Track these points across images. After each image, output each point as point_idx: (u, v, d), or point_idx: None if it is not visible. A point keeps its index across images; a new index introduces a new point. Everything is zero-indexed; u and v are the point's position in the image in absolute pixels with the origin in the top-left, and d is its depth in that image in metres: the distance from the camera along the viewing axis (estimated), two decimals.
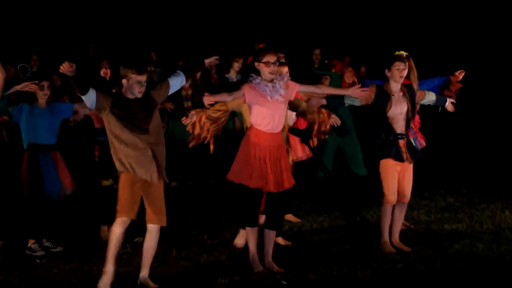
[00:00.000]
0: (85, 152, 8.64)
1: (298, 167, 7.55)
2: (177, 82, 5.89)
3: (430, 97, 6.72)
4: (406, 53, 6.83)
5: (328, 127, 6.71)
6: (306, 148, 7.48)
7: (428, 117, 9.23)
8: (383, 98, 6.45)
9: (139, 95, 5.59)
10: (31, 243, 6.58)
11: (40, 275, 6.07)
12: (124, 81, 5.59)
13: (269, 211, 6.14)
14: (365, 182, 9.58)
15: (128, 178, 5.58)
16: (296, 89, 6.16)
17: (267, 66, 6.02)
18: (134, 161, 5.54)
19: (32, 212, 6.61)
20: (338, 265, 6.10)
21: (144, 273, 5.67)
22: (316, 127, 6.67)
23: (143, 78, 5.60)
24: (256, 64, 6.12)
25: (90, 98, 5.45)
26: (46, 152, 6.73)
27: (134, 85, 5.56)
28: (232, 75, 10.44)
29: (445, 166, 10.83)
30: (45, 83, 6.79)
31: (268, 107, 6.04)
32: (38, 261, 6.50)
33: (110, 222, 5.94)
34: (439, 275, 5.84)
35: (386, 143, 6.57)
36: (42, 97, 6.77)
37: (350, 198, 8.27)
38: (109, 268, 5.51)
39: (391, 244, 6.59)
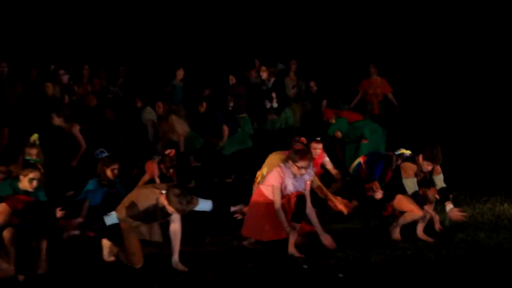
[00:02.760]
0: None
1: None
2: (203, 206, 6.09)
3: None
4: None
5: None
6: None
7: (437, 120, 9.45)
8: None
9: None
10: None
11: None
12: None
13: (296, 208, 6.44)
14: None
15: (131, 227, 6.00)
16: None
17: (300, 170, 6.29)
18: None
19: None
20: (354, 251, 6.39)
21: (175, 256, 6.06)
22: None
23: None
24: (290, 162, 6.29)
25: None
26: None
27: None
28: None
29: (450, 163, 9.83)
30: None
31: (284, 194, 6.36)
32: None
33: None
34: (445, 261, 6.04)
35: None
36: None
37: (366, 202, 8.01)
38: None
39: (416, 236, 6.86)
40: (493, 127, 13.07)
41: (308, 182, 6.46)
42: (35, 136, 7.11)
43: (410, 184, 6.73)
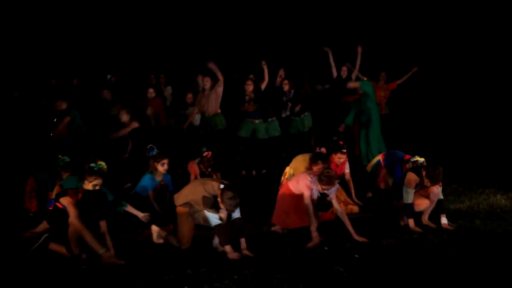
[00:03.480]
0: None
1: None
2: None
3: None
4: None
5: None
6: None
7: (439, 122, 10.01)
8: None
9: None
10: None
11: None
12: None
13: (318, 201, 7.10)
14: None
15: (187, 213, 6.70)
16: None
17: (323, 190, 6.93)
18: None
19: None
20: (368, 236, 6.79)
21: (216, 240, 6.70)
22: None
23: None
24: (317, 179, 6.95)
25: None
26: None
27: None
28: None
29: (450, 159, 10.95)
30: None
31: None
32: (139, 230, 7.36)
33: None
34: (446, 244, 6.42)
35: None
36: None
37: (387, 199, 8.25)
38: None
39: (421, 223, 7.28)
40: (489, 128, 13.25)
41: (334, 194, 7.12)
42: (103, 165, 7.27)
43: (408, 194, 7.22)
